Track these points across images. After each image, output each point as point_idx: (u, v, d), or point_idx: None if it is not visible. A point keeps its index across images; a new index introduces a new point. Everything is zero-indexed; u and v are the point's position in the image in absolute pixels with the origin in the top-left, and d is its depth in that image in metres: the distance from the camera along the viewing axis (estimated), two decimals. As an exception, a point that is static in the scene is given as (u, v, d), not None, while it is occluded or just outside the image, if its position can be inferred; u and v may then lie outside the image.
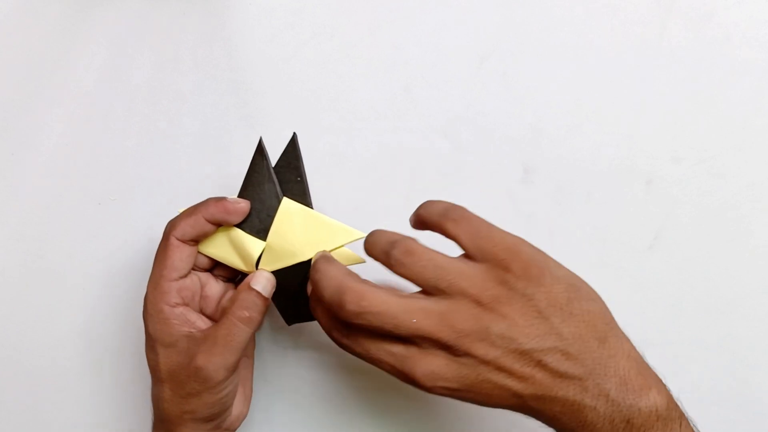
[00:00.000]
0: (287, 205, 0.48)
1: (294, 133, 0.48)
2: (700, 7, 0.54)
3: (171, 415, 0.48)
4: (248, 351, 0.52)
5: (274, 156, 0.50)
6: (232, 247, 0.49)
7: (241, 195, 0.49)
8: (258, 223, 0.48)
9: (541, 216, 0.55)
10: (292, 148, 0.49)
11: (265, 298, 0.47)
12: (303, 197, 0.49)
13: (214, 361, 0.46)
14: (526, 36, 0.54)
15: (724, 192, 0.54)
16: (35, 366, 0.57)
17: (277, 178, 0.49)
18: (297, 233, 0.47)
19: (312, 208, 0.49)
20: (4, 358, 0.57)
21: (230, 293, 0.51)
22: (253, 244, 0.48)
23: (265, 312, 0.48)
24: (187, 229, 0.48)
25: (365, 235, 0.46)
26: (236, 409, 0.50)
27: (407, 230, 0.50)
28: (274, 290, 0.48)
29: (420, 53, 0.55)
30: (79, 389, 0.57)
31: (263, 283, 0.47)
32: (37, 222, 0.56)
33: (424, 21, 0.55)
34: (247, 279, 0.48)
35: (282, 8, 0.55)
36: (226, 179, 0.56)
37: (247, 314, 0.47)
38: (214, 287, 0.50)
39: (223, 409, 0.49)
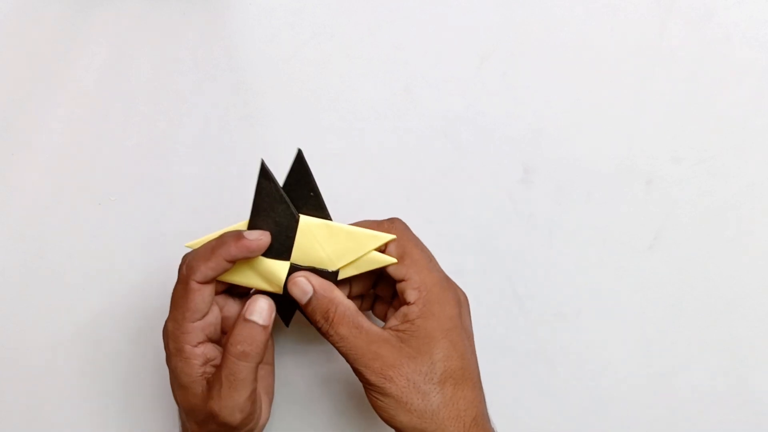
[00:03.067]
0: (306, 222, 0.46)
1: (299, 150, 0.46)
2: (700, 7, 0.54)
3: None
4: (268, 358, 0.52)
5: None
6: (255, 272, 0.47)
7: (252, 221, 0.46)
8: (278, 246, 0.46)
9: (541, 216, 0.55)
10: (300, 165, 0.46)
11: (262, 327, 0.46)
12: (320, 211, 0.47)
13: (225, 405, 0.45)
14: (526, 36, 0.54)
15: (724, 192, 0.54)
16: (35, 366, 0.57)
17: (288, 197, 0.46)
18: (321, 248, 0.46)
19: (331, 219, 0.47)
20: (4, 359, 0.57)
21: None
22: (277, 267, 0.47)
23: (267, 339, 0.46)
24: (207, 272, 0.46)
25: (394, 237, 0.46)
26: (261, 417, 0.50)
27: (407, 230, 0.50)
28: (274, 313, 0.47)
29: (420, 53, 0.55)
30: (78, 390, 0.57)
31: (259, 311, 0.46)
32: (37, 222, 0.56)
33: (424, 21, 0.55)
34: (243, 310, 0.46)
35: (282, 8, 0.55)
36: (226, 179, 0.56)
37: (242, 348, 0.45)
38: (233, 307, 0.49)
39: (251, 431, 0.48)
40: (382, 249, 0.47)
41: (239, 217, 0.47)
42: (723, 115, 0.54)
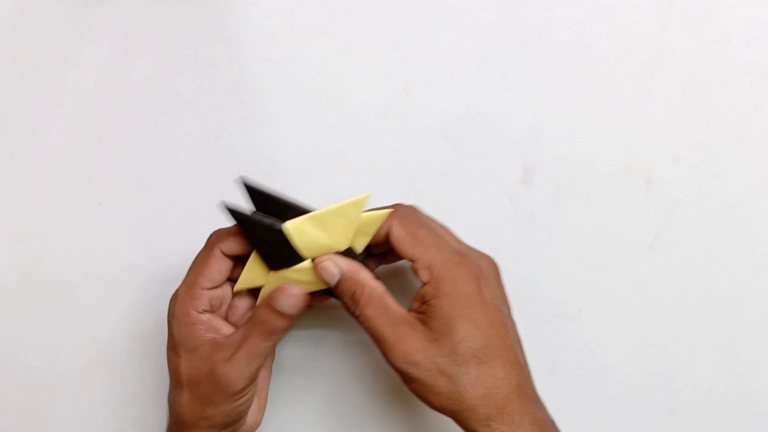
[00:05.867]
0: (291, 225, 0.46)
1: (240, 178, 0.46)
2: (700, 7, 0.54)
3: (187, 421, 0.48)
4: (266, 363, 0.52)
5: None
6: (283, 282, 0.48)
7: (255, 251, 0.47)
8: (289, 257, 0.47)
9: (541, 216, 0.55)
10: (250, 189, 0.46)
11: (287, 316, 0.47)
12: (298, 209, 0.47)
13: (234, 370, 0.46)
14: (526, 36, 0.54)
15: (724, 192, 0.54)
16: (34, 367, 0.57)
17: (266, 215, 0.46)
18: (321, 237, 0.46)
19: (312, 210, 0.47)
20: (4, 359, 0.57)
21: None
22: (304, 269, 0.47)
23: (290, 326, 0.47)
24: (234, 246, 0.47)
25: (369, 194, 0.46)
26: (251, 418, 0.50)
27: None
28: (302, 304, 0.47)
29: (420, 53, 0.55)
30: (78, 390, 0.57)
31: (286, 303, 0.46)
32: (37, 222, 0.56)
33: (424, 21, 0.55)
34: (271, 295, 0.47)
35: (282, 8, 0.55)
36: (226, 180, 0.56)
37: (267, 330, 0.46)
38: (244, 299, 0.50)
39: (239, 417, 0.48)
40: (387, 233, 0.47)
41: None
42: (723, 115, 0.54)
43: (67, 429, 0.57)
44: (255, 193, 0.46)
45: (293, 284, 0.47)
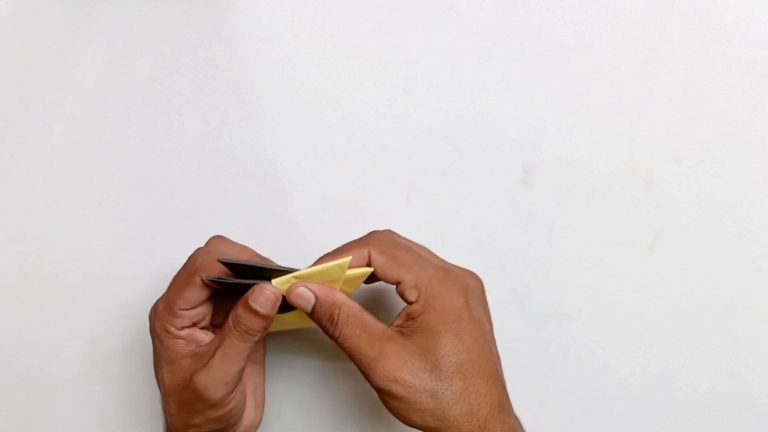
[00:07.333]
0: (277, 284, 0.46)
1: (219, 260, 0.46)
2: (700, 7, 0.54)
3: (177, 429, 0.48)
4: (258, 358, 0.52)
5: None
6: (283, 322, 0.49)
7: None
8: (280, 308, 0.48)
9: (541, 216, 0.55)
10: (233, 266, 0.47)
11: (264, 316, 0.46)
12: (280, 271, 0.47)
13: (212, 377, 0.45)
14: (526, 36, 0.54)
15: (724, 192, 0.54)
16: (34, 367, 0.57)
17: (251, 280, 0.47)
18: None
19: (296, 269, 0.47)
20: (4, 359, 0.57)
21: None
22: (288, 316, 0.48)
23: (268, 325, 0.47)
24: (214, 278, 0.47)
25: (348, 259, 0.46)
26: (248, 418, 0.50)
27: (407, 230, 0.50)
28: (279, 304, 0.46)
29: (420, 53, 0.55)
30: (78, 391, 0.57)
31: (262, 301, 0.46)
32: (37, 222, 0.56)
33: (424, 21, 0.55)
34: (247, 294, 0.46)
35: (282, 8, 0.55)
36: (226, 179, 0.56)
37: (243, 330, 0.46)
38: (227, 302, 0.49)
39: (230, 423, 0.48)
40: (367, 262, 0.47)
41: (239, 217, 0.48)
42: (723, 115, 0.54)
43: (67, 429, 0.57)
44: (236, 268, 0.47)
45: (269, 284, 0.46)
